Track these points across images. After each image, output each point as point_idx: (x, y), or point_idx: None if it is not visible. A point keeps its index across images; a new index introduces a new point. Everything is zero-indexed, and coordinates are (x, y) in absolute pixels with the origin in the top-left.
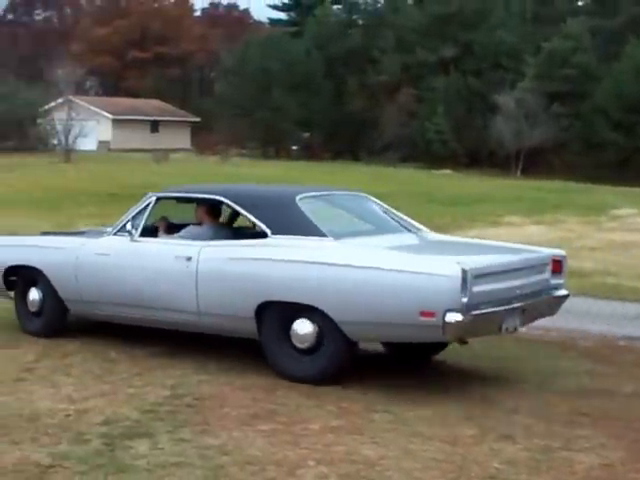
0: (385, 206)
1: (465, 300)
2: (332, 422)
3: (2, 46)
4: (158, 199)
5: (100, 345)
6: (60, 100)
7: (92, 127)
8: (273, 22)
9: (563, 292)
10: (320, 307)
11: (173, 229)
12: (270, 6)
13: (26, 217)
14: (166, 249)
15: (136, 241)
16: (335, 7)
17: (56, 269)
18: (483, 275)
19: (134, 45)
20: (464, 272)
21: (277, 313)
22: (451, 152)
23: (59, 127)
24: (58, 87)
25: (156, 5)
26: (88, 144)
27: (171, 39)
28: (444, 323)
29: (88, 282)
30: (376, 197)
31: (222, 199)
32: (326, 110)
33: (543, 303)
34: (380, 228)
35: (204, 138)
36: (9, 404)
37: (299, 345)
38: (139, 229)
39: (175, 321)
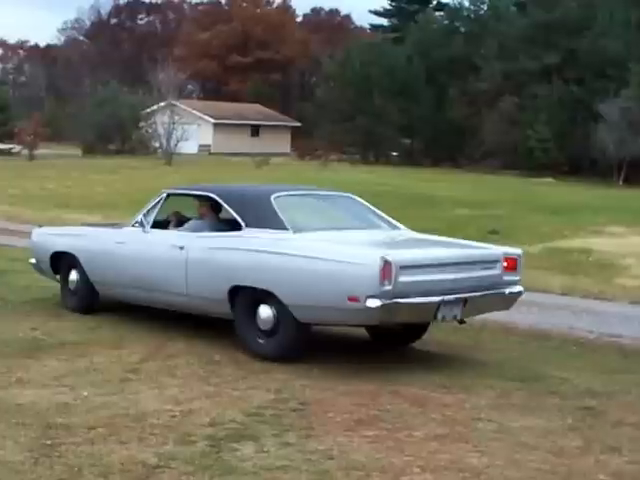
0: (369, 206)
1: (389, 288)
2: (436, 430)
3: (106, 50)
4: (168, 195)
5: (204, 347)
6: (162, 104)
7: (193, 131)
8: (374, 28)
9: (517, 289)
10: (274, 291)
11: (182, 222)
12: (372, 12)
13: (124, 217)
14: (166, 239)
15: (146, 232)
16: (437, 14)
17: (86, 255)
18: (411, 267)
19: (236, 50)
20: (386, 262)
21: (244, 297)
22: (552, 160)
23: (161, 130)
24: (160, 91)
25: (258, 10)
26: (189, 147)
27: (272, 44)
28: (366, 308)
29: (108, 267)
30: (478, 205)
31: (212, 196)
32: (427, 117)
33: (492, 297)
34: (348, 224)
35: (304, 143)
36: (116, 404)
37: (262, 327)
38: (150, 222)
39: (171, 302)
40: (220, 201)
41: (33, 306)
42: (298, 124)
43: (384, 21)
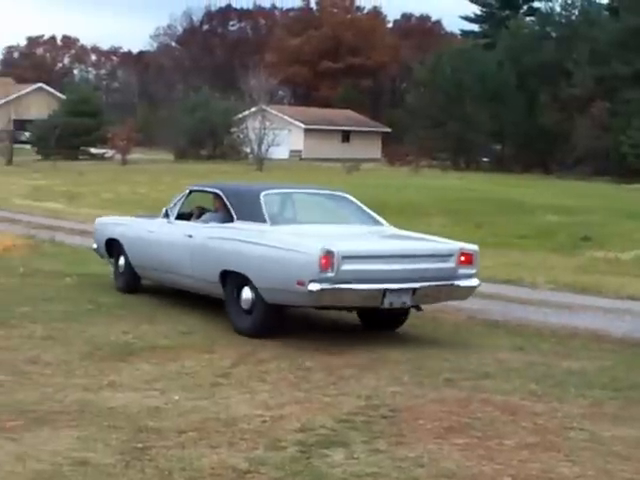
0: (359, 205)
1: (331, 275)
2: (527, 438)
3: (198, 56)
4: (191, 192)
5: (295, 353)
6: (253, 109)
7: (284, 136)
8: (465, 34)
9: (473, 282)
10: (248, 275)
11: (202, 215)
12: (462, 17)
13: None
14: (181, 229)
15: (170, 223)
16: (528, 19)
17: (127, 241)
18: (354, 257)
19: (327, 55)
20: (328, 252)
21: (231, 280)
22: None
23: (252, 136)
24: (251, 96)
25: (349, 16)
26: (280, 153)
27: (363, 50)
28: (309, 291)
29: (142, 252)
30: (569, 212)
31: (218, 192)
32: (518, 122)
33: (445, 288)
34: (328, 219)
35: (394, 148)
36: (207, 408)
37: (244, 307)
38: (175, 214)
39: (183, 284)
40: (222, 197)
41: (126, 309)
42: (388, 130)
43: (475, 27)
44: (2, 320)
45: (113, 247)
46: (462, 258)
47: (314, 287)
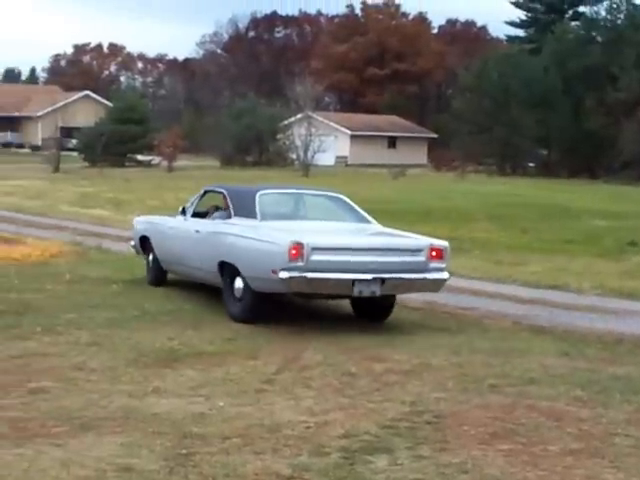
0: (351, 205)
1: (301, 264)
2: (572, 444)
3: (243, 63)
4: (205, 192)
5: (340, 359)
6: (299, 116)
7: (330, 142)
8: (511, 39)
9: (443, 275)
10: (237, 265)
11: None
12: (508, 23)
13: None
14: (193, 225)
15: (186, 220)
16: (574, 23)
17: (154, 237)
18: (323, 249)
19: (372, 62)
20: (297, 244)
21: (227, 270)
22: None
23: (298, 142)
24: (297, 103)
25: (394, 22)
26: (326, 159)
27: (409, 56)
28: (280, 279)
29: (164, 246)
30: (616, 217)
31: (223, 191)
32: (564, 127)
33: (415, 280)
34: (316, 217)
35: (441, 154)
36: (251, 414)
37: (236, 295)
38: (191, 212)
39: (195, 275)
40: (226, 196)
41: (171, 316)
42: (434, 135)
43: (520, 32)
44: (49, 327)
45: (145, 244)
46: (433, 253)
47: (284, 275)
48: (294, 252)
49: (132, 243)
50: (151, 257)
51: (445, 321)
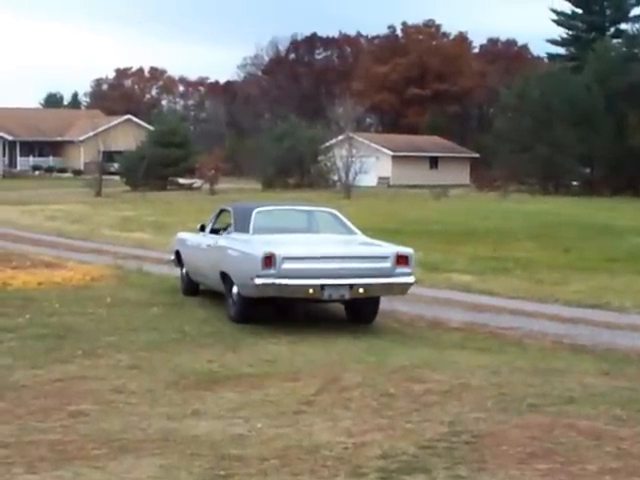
0: (342, 220)
1: (273, 272)
2: (611, 463)
3: (284, 85)
4: (221, 210)
5: (379, 381)
6: (340, 137)
7: (372, 163)
8: (552, 57)
9: (408, 279)
10: (230, 274)
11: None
12: (549, 41)
13: None
14: (207, 240)
15: (204, 236)
16: (615, 41)
17: (183, 252)
18: (294, 258)
19: (413, 82)
20: (269, 255)
21: (226, 278)
22: None
23: (339, 164)
24: (338, 124)
25: (434, 42)
26: (368, 180)
27: (450, 76)
28: (255, 284)
29: (189, 260)
30: None
31: (230, 209)
32: (607, 145)
33: (381, 284)
34: (305, 230)
35: (483, 174)
36: (289, 436)
37: (233, 299)
38: (209, 228)
39: (208, 283)
40: (231, 213)
41: (211, 338)
42: (476, 155)
43: (561, 50)
44: (89, 350)
45: (179, 257)
46: (398, 260)
47: (258, 281)
48: (267, 261)
49: (171, 257)
50: (183, 269)
51: (486, 341)
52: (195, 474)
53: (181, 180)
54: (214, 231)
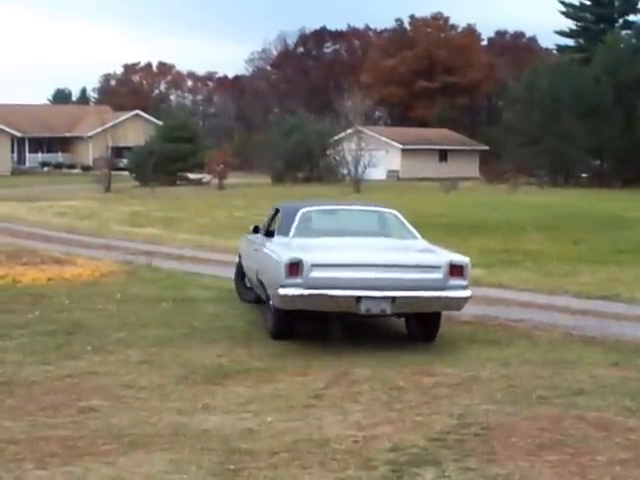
0: (402, 221)
1: (300, 281)
2: (620, 454)
3: (293, 79)
4: (276, 210)
5: (389, 374)
6: (349, 131)
7: (381, 157)
8: (560, 49)
9: (464, 293)
10: (264, 281)
11: None
12: (557, 32)
13: None
14: (255, 244)
15: (257, 239)
16: (624, 32)
17: (241, 256)
18: (325, 265)
19: (422, 75)
20: (294, 262)
21: (263, 287)
22: None
23: (348, 157)
24: (347, 118)
25: (443, 35)
26: (378, 174)
27: (458, 68)
28: (280, 295)
29: (244, 265)
30: None
31: (279, 209)
32: (616, 137)
33: (431, 298)
34: (356, 233)
35: (492, 166)
36: (299, 429)
37: (270, 310)
38: (264, 229)
39: (259, 292)
40: (280, 213)
41: (220, 333)
42: (486, 148)
43: (570, 41)
44: (99, 345)
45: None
46: (452, 270)
47: (282, 291)
48: (293, 269)
49: (236, 259)
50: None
51: (495, 334)
52: (205, 468)
53: (190, 175)
54: (269, 233)
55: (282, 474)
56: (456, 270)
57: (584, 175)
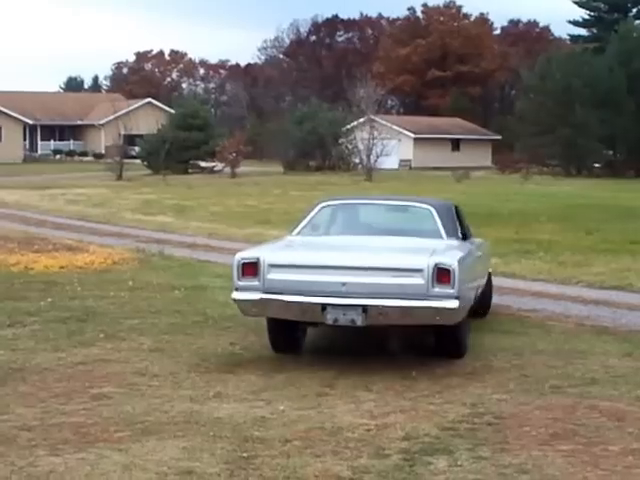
0: (436, 220)
1: (256, 284)
2: (633, 444)
3: (305, 67)
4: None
5: (402, 363)
6: (362, 119)
7: (393, 146)
8: (574, 38)
9: (447, 303)
10: None
11: None
12: (571, 22)
13: None
14: None
15: None
16: (637, 22)
17: None
18: (286, 266)
19: (434, 64)
20: (252, 260)
21: None
22: None
23: (361, 146)
24: (360, 107)
25: (456, 24)
26: (389, 163)
27: (471, 57)
28: (233, 300)
29: None
30: None
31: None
32: (629, 127)
33: (412, 309)
34: (375, 231)
35: (505, 156)
36: (312, 418)
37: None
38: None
39: None
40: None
41: (233, 321)
42: (499, 137)
43: (583, 31)
44: (111, 333)
45: None
46: (438, 275)
47: (236, 295)
48: (247, 269)
49: None
50: None
51: (508, 323)
52: (218, 456)
53: (202, 163)
54: None
55: (295, 462)
56: (442, 275)
57: (597, 165)
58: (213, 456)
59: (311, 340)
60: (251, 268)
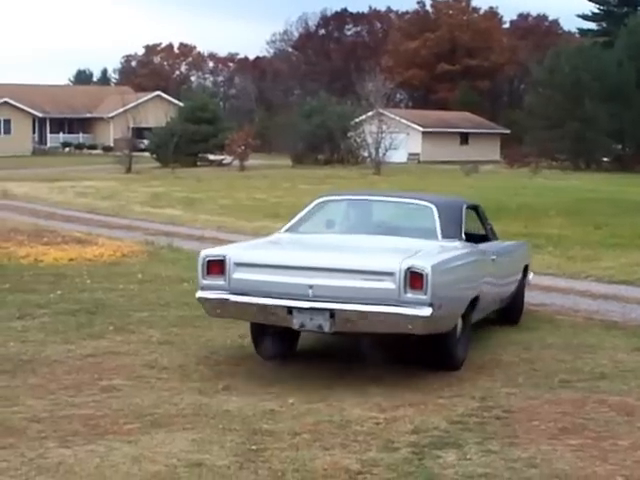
0: (435, 219)
1: (222, 282)
2: None
3: (314, 61)
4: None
5: (410, 356)
6: (370, 113)
7: (402, 139)
8: (583, 32)
9: (419, 311)
10: None
11: None
12: (580, 16)
13: None
14: None
15: None
16: None
17: None
18: (250, 265)
19: (443, 58)
20: (216, 257)
21: None
22: None
23: (369, 140)
24: (368, 100)
25: (465, 18)
26: (399, 156)
27: (480, 51)
28: (197, 299)
29: None
30: None
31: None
32: (638, 121)
33: (381, 315)
34: (371, 229)
35: (513, 150)
36: (321, 411)
37: None
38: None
39: None
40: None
41: None
42: (507, 131)
43: (592, 25)
44: (121, 325)
45: None
46: (411, 280)
47: (200, 294)
48: (212, 267)
49: None
50: None
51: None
52: (227, 448)
53: (211, 156)
54: None
55: (304, 455)
56: (415, 280)
57: (606, 159)
58: (222, 448)
59: (319, 334)
60: (217, 266)
